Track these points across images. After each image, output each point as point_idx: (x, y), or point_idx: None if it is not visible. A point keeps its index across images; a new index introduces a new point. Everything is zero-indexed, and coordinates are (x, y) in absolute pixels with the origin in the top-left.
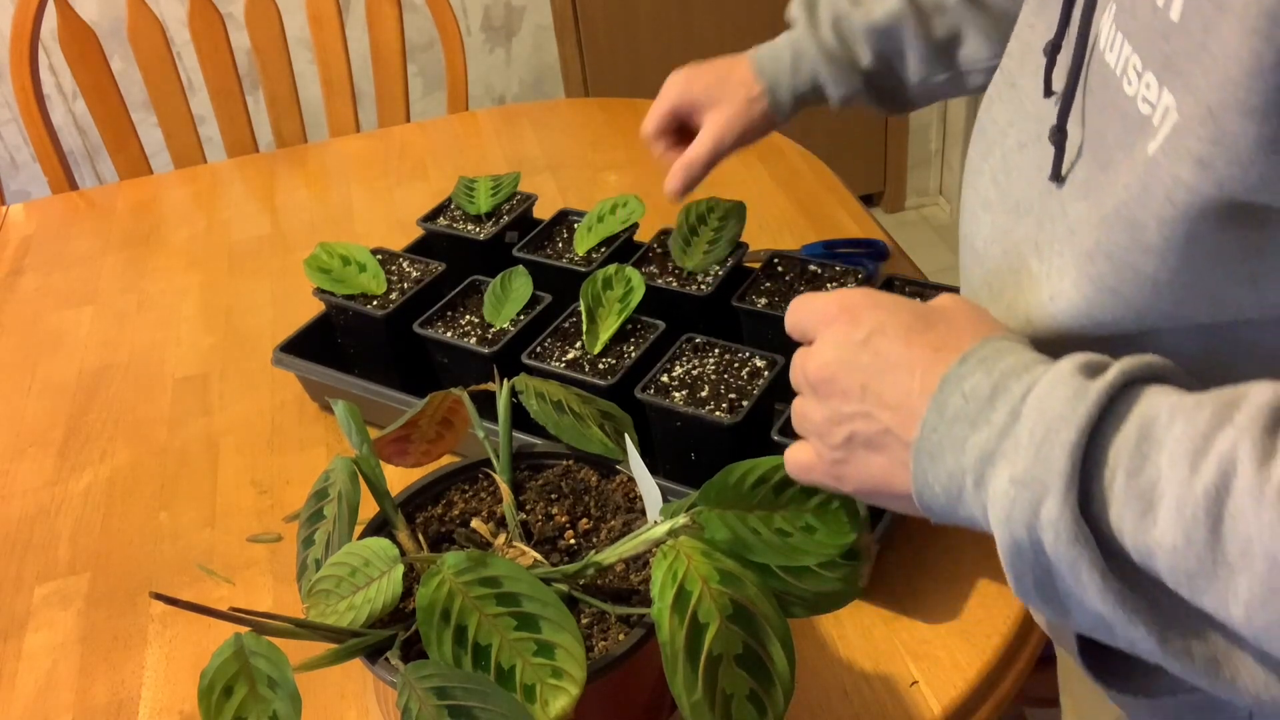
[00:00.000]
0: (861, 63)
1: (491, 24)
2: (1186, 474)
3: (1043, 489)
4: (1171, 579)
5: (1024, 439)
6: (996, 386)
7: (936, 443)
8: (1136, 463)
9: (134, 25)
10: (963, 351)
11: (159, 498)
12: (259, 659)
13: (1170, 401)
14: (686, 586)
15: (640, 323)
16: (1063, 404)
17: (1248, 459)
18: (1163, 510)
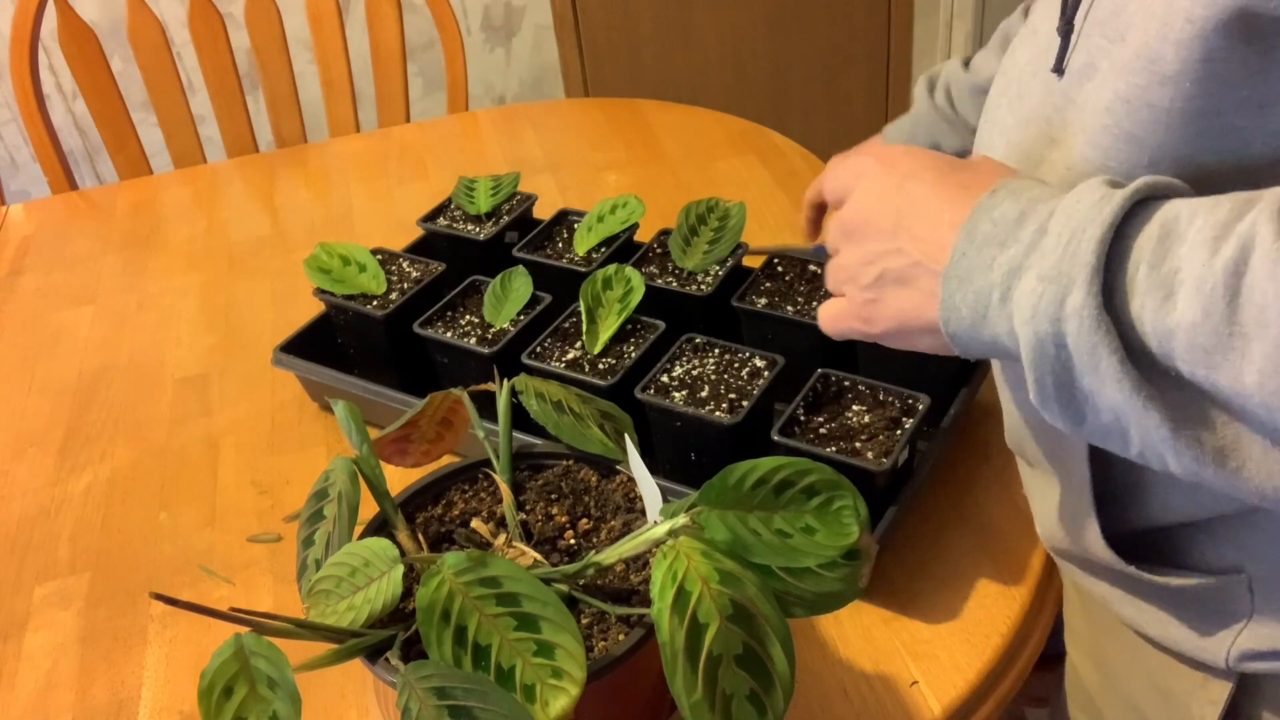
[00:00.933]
0: (971, 120)
1: (491, 24)
2: (1207, 256)
3: (1069, 281)
4: (1189, 359)
5: (1050, 244)
6: (1025, 211)
7: (966, 267)
8: (1159, 255)
9: (134, 25)
10: (988, 188)
11: (159, 498)
12: (259, 659)
13: (1191, 203)
14: (686, 587)
15: (640, 323)
16: (1089, 208)
17: (1267, 233)
18: (1183, 293)
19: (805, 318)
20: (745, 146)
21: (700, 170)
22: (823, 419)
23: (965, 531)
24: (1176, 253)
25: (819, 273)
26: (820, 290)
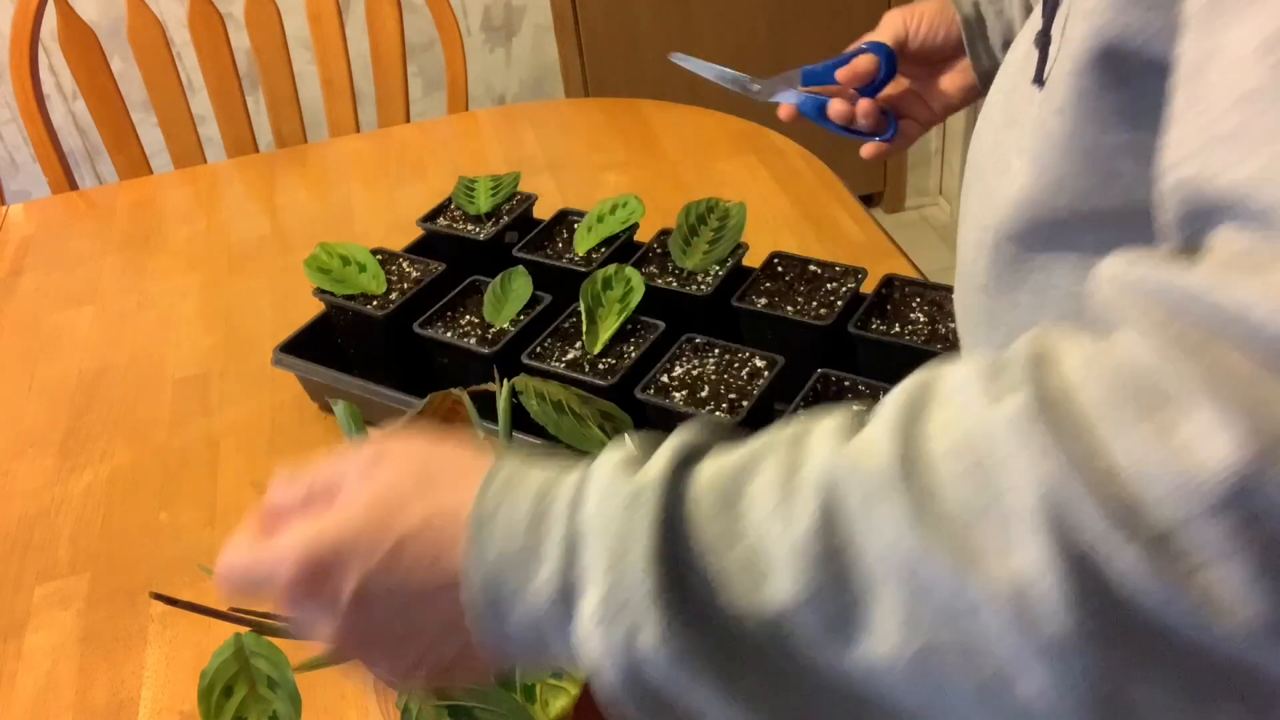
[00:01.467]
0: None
1: (491, 24)
2: (782, 529)
3: (633, 618)
4: (804, 642)
5: (590, 568)
6: (532, 523)
7: (494, 608)
8: (725, 542)
9: (134, 25)
10: (459, 517)
11: (159, 498)
12: (259, 659)
13: (733, 461)
14: None
15: (640, 323)
16: (621, 515)
17: (848, 478)
18: (776, 572)
19: (805, 318)
20: (745, 146)
21: (700, 170)
22: None
23: None
24: (742, 533)
25: (819, 273)
26: (820, 290)
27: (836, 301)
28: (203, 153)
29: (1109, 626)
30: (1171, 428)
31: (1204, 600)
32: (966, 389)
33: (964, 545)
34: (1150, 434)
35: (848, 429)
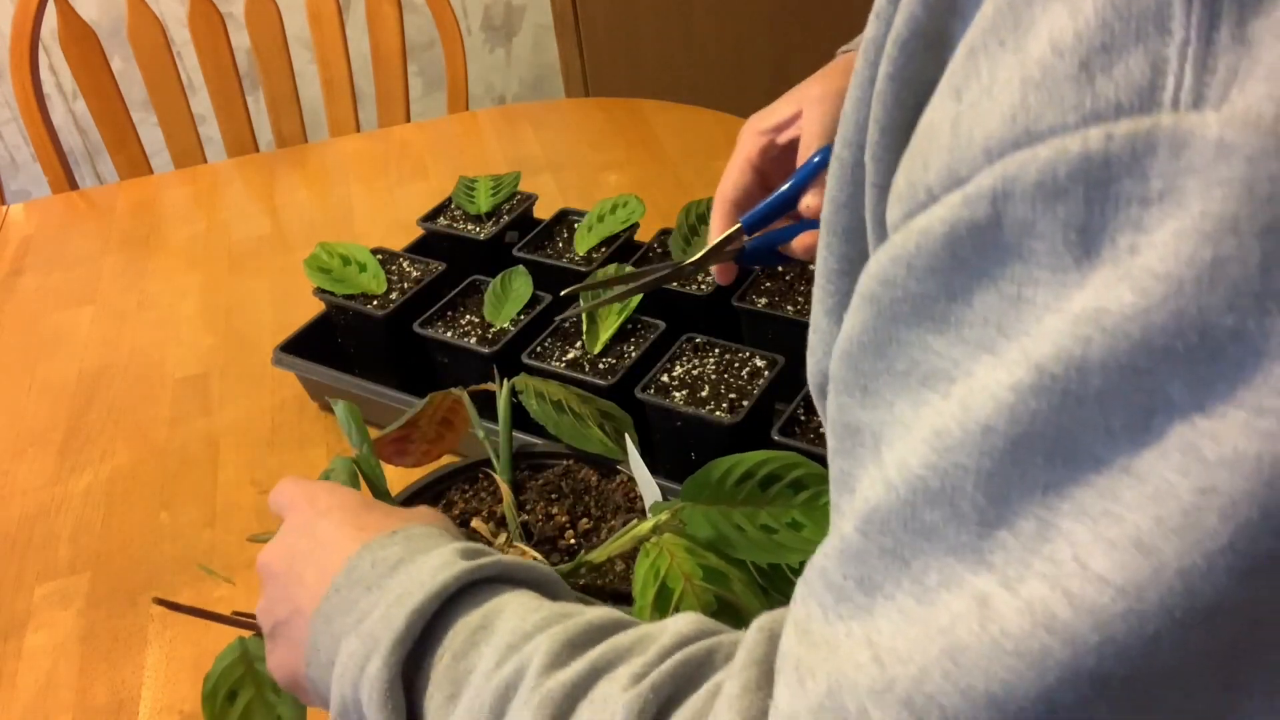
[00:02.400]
0: None
1: (491, 24)
2: (492, 666)
3: (374, 645)
4: None
5: (385, 600)
6: (404, 559)
7: (334, 605)
8: (466, 647)
9: (134, 25)
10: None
11: (159, 498)
12: (263, 663)
13: (521, 600)
14: (668, 584)
15: (640, 323)
16: (426, 572)
17: (538, 663)
18: (463, 698)
19: (805, 318)
20: None
21: (700, 170)
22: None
23: None
24: (480, 650)
25: None
26: None
27: None
28: (203, 152)
29: None
30: None
31: None
32: (644, 648)
33: None
34: None
35: (586, 636)
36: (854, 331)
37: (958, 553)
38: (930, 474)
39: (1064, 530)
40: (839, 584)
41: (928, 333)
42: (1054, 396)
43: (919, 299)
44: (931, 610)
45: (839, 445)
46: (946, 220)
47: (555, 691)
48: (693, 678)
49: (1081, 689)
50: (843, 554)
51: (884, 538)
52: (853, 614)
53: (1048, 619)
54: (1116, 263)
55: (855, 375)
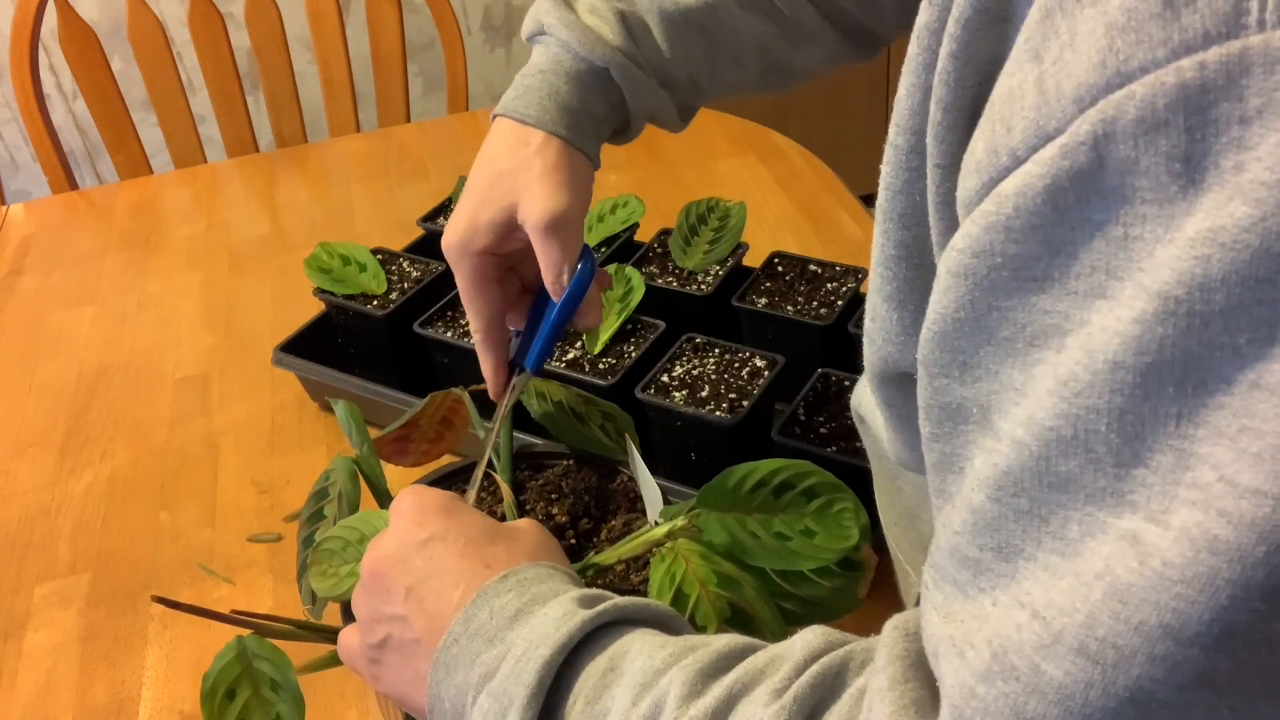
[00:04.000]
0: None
1: (491, 24)
2: (628, 705)
3: (509, 702)
4: None
5: (511, 656)
6: (522, 609)
7: (455, 655)
8: (598, 691)
9: (134, 25)
10: (504, 570)
11: (159, 498)
12: (262, 662)
13: (645, 640)
14: (684, 589)
15: (640, 323)
16: (550, 624)
17: (675, 695)
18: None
19: (805, 318)
20: (745, 146)
21: (700, 170)
22: (823, 419)
23: None
24: (612, 692)
25: (819, 272)
26: (820, 289)
27: (836, 301)
28: (203, 153)
29: None
30: None
31: None
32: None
33: None
34: None
35: (718, 665)
36: (947, 310)
37: (1098, 499)
38: (1062, 423)
39: (1203, 455)
40: (975, 558)
41: (1030, 294)
42: (1179, 320)
43: (1018, 261)
44: (1080, 560)
45: (936, 430)
46: (1045, 175)
47: (697, 718)
48: (833, 687)
49: (1254, 605)
50: (975, 526)
51: (1018, 499)
52: (994, 584)
53: (1209, 541)
54: (1224, 184)
55: (952, 354)
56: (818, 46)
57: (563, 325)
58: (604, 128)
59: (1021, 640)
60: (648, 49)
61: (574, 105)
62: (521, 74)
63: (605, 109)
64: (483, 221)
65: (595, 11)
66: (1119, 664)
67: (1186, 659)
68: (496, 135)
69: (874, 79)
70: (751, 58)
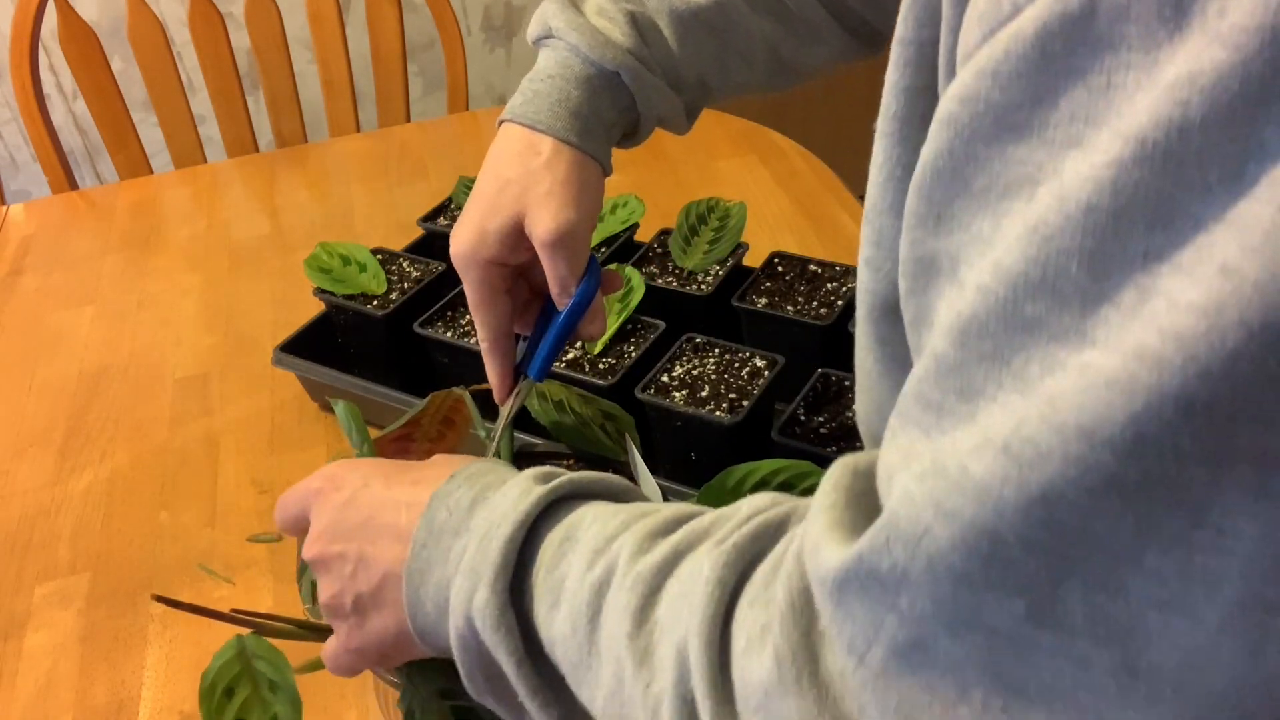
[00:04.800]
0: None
1: (491, 24)
2: (583, 569)
3: (478, 578)
4: (565, 670)
5: (475, 537)
6: (477, 498)
7: (426, 559)
8: (556, 560)
9: (134, 25)
10: (439, 481)
11: (159, 498)
12: (260, 661)
13: (599, 509)
14: None
15: (640, 323)
16: (509, 502)
17: (625, 555)
18: (563, 603)
19: (805, 318)
20: (745, 146)
21: (700, 170)
22: (823, 419)
23: None
24: (569, 560)
25: (819, 272)
26: (820, 290)
27: (836, 301)
28: (203, 153)
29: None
30: (761, 641)
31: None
32: (722, 525)
33: (648, 651)
34: (751, 639)
35: (667, 525)
36: (928, 160)
37: (1061, 338)
38: (1031, 266)
39: (1162, 290)
40: (937, 401)
41: (1008, 144)
42: (1154, 162)
43: (1001, 109)
44: (1039, 395)
45: (911, 285)
46: (1038, 18)
47: (644, 572)
48: (773, 535)
49: (1167, 415)
50: (938, 371)
51: (982, 343)
52: (955, 425)
53: (1138, 350)
54: (1205, 28)
55: (929, 205)
56: (824, 44)
57: (568, 334)
58: (614, 132)
59: (958, 447)
60: (658, 50)
61: (584, 111)
62: (529, 78)
63: (615, 113)
64: (490, 230)
65: (604, 13)
66: (1035, 462)
67: (1098, 462)
68: (505, 141)
69: (874, 79)
70: (761, 57)
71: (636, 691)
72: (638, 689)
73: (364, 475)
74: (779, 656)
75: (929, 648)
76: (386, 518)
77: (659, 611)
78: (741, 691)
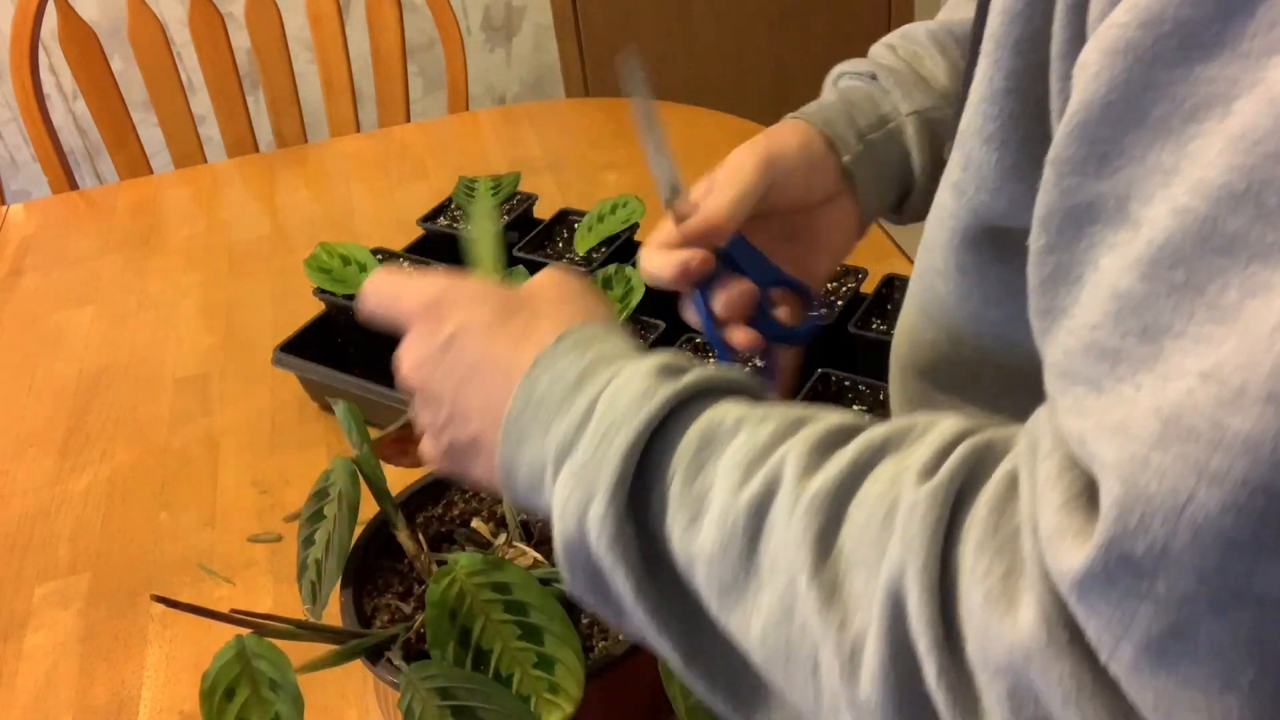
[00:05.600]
0: (939, 77)
1: (491, 24)
2: (736, 484)
3: (593, 487)
4: (708, 591)
5: (589, 434)
6: (584, 373)
7: (522, 428)
8: (693, 470)
9: (134, 25)
10: (543, 343)
11: (159, 498)
12: (261, 661)
13: (739, 412)
14: None
15: (640, 323)
16: (629, 402)
17: (791, 472)
18: (708, 518)
19: None
20: None
21: (700, 170)
22: None
23: None
24: (712, 468)
25: None
26: (821, 290)
27: (836, 301)
28: (203, 153)
29: (907, 708)
30: (1009, 600)
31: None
32: (906, 443)
33: (836, 585)
34: (993, 592)
35: (832, 439)
36: (1094, 96)
37: (1265, 255)
38: (1235, 177)
39: None
40: (1115, 347)
41: (1195, 63)
42: None
43: (1189, 27)
44: (1241, 323)
45: (1055, 240)
46: None
47: (820, 495)
48: (981, 468)
49: None
50: (1119, 313)
51: (1174, 272)
52: (1134, 369)
53: None
54: None
55: (1091, 146)
56: None
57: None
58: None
59: (1196, 402)
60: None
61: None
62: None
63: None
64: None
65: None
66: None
67: None
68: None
69: None
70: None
71: (824, 629)
72: (826, 627)
73: (466, 313)
74: (1047, 617)
75: (1188, 634)
76: (483, 379)
77: (843, 540)
78: (981, 649)
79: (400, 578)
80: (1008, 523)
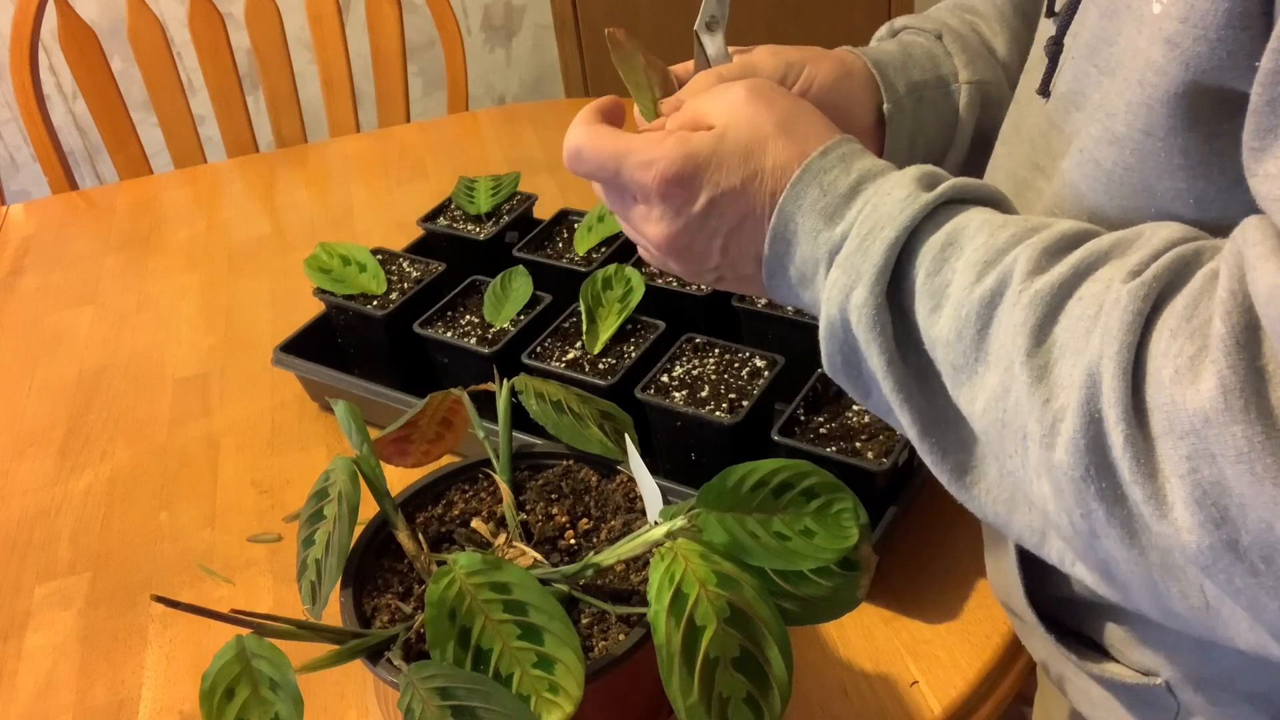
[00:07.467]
0: (999, 47)
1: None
2: (972, 279)
3: (857, 276)
4: (944, 370)
5: (855, 233)
6: (855, 186)
7: (793, 231)
8: (937, 265)
9: (134, 25)
10: (792, 174)
11: (159, 498)
12: (261, 661)
13: (983, 217)
14: (683, 589)
15: (640, 323)
16: (894, 205)
17: (1020, 271)
18: (947, 308)
19: (805, 318)
20: None
21: None
22: (823, 419)
23: (965, 531)
24: (952, 266)
25: None
26: None
27: None
28: (203, 153)
29: (1097, 478)
30: (1194, 374)
31: (1154, 499)
32: (1127, 249)
33: (1047, 368)
34: (1181, 369)
35: (1063, 244)
36: None
37: None
38: None
39: None
40: None
41: None
42: None
43: None
44: None
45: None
46: None
47: (1043, 291)
48: (1187, 269)
49: None
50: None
51: None
52: None
53: None
54: None
55: None
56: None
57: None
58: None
59: None
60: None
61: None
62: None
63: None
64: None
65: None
66: None
67: None
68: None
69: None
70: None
71: (1031, 405)
72: (1033, 403)
73: (715, 182)
74: (1225, 385)
75: None
76: (747, 232)
77: (1058, 331)
78: (1167, 417)
79: (400, 578)
80: (1202, 313)
